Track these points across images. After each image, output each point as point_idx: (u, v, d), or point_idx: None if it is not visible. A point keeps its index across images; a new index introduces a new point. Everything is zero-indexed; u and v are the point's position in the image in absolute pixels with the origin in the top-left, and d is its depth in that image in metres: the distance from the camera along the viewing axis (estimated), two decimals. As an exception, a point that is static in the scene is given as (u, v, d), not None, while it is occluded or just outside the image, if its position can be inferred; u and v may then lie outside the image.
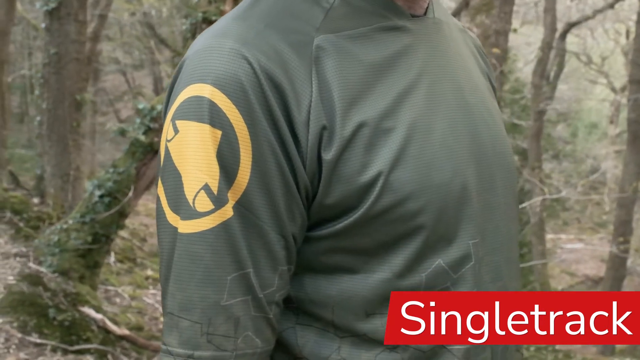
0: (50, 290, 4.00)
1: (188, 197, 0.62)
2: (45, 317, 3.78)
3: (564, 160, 14.52)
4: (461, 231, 0.70)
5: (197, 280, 0.62)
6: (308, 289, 0.69)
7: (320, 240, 0.67)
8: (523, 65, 13.94)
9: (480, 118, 0.76)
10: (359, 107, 0.65)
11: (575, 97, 15.97)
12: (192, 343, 0.62)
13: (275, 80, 0.62)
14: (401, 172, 0.65)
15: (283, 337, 0.70)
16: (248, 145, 0.61)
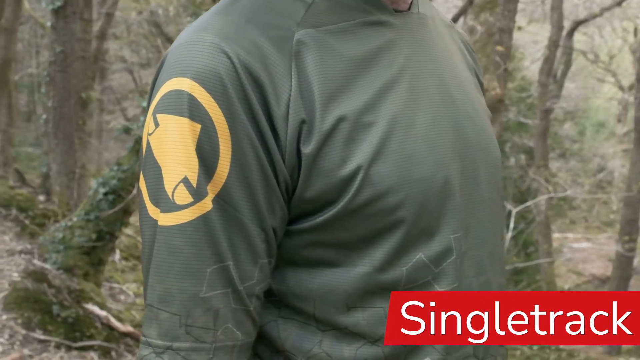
0: (54, 287, 4.02)
1: (167, 190, 0.62)
2: (50, 314, 3.80)
3: (571, 159, 14.46)
4: (443, 225, 0.70)
5: (175, 273, 0.62)
6: (290, 282, 0.69)
7: (301, 233, 0.67)
8: (530, 64, 13.89)
9: (465, 113, 0.76)
10: (339, 102, 0.66)
11: (583, 95, 15.90)
12: (170, 334, 0.62)
13: (255, 75, 0.62)
14: (381, 166, 0.66)
15: (265, 330, 0.71)
16: (227, 139, 0.62)
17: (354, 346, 0.69)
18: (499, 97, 4.39)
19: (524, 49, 14.34)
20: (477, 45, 4.46)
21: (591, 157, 14.63)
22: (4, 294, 3.87)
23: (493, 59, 4.40)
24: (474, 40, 4.46)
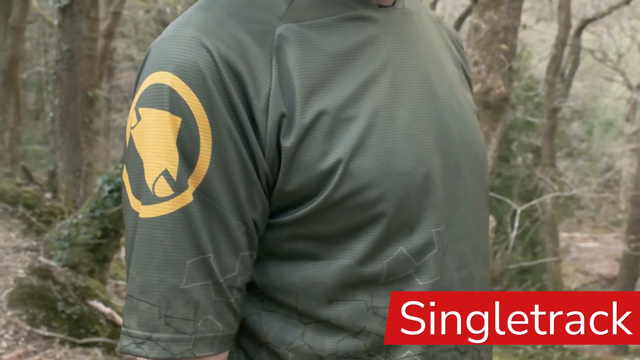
0: (59, 283, 4.05)
1: (148, 182, 0.63)
2: (54, 310, 3.83)
3: (579, 159, 14.40)
4: (424, 219, 0.70)
5: (155, 264, 0.63)
6: (272, 275, 0.70)
7: (282, 227, 0.68)
8: (537, 62, 13.83)
9: (448, 108, 0.76)
10: (320, 96, 0.66)
11: (591, 94, 15.82)
12: (150, 325, 0.63)
13: (235, 68, 0.63)
14: (361, 160, 0.66)
15: (248, 322, 0.71)
16: (208, 132, 0.62)
17: (335, 339, 0.70)
18: (504, 95, 4.37)
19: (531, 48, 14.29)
20: (481, 43, 4.45)
21: (599, 156, 14.56)
22: (9, 290, 3.90)
23: (498, 57, 4.39)
24: (479, 39, 4.45)
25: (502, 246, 6.62)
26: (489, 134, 4.40)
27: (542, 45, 14.36)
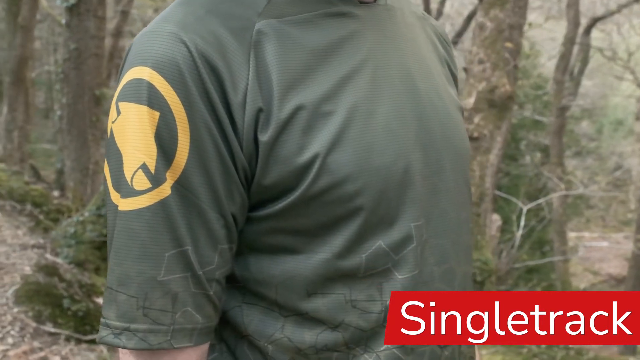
0: (65, 281, 4.08)
1: (127, 176, 0.64)
2: (60, 307, 3.85)
3: (588, 158, 14.33)
4: (403, 213, 0.71)
5: (133, 256, 0.64)
6: (252, 268, 0.70)
7: (261, 220, 0.69)
8: (546, 61, 13.76)
9: (430, 103, 0.77)
10: (298, 91, 0.67)
11: (601, 93, 15.73)
12: (128, 316, 0.64)
13: (212, 63, 0.63)
14: (339, 155, 0.67)
15: (230, 315, 0.72)
16: (186, 127, 0.63)
17: (314, 331, 0.70)
18: (509, 93, 4.37)
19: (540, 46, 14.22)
20: (486, 41, 4.44)
21: (608, 155, 14.48)
22: (15, 287, 3.93)
23: (503, 55, 4.38)
24: (484, 37, 4.44)
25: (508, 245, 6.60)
26: (494, 132, 4.39)
27: (552, 43, 14.28)
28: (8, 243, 4.60)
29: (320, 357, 0.71)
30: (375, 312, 0.70)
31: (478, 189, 4.45)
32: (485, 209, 4.50)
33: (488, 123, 4.40)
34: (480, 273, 4.40)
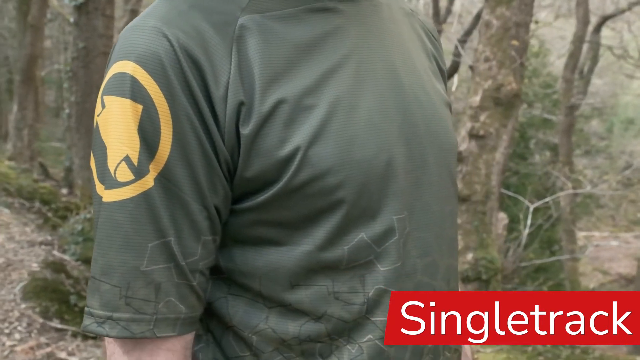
0: (72, 277, 4.11)
1: (110, 167, 0.65)
2: (67, 304, 3.89)
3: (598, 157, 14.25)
4: (385, 206, 0.71)
5: (116, 246, 0.65)
6: (237, 260, 0.71)
7: (245, 212, 0.69)
8: (555, 60, 13.70)
9: (415, 98, 0.77)
10: (280, 85, 0.67)
11: (611, 91, 15.64)
12: (111, 305, 0.65)
13: (194, 57, 0.64)
14: (321, 148, 0.67)
15: (215, 306, 0.73)
16: (168, 119, 0.64)
17: (298, 322, 0.71)
18: (515, 91, 4.36)
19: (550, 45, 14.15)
20: (492, 39, 4.44)
21: (619, 154, 14.39)
22: (23, 283, 3.97)
23: (509, 53, 4.37)
24: (490, 35, 4.44)
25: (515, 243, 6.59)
26: (500, 130, 4.39)
27: (561, 42, 14.22)
28: (16, 240, 4.65)
29: (304, 347, 0.72)
30: (357, 304, 0.71)
31: (484, 187, 4.44)
32: (491, 207, 4.50)
33: (494, 121, 4.39)
34: (486, 271, 4.40)
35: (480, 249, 4.41)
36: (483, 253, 4.40)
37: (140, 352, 0.67)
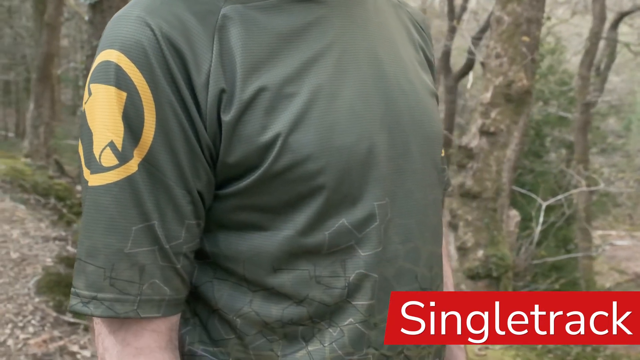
0: (85, 272, 4.16)
1: (95, 153, 0.67)
2: (80, 298, 3.93)
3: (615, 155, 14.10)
4: (366, 193, 0.73)
5: (101, 229, 0.67)
6: (221, 245, 0.73)
7: (228, 197, 0.71)
8: (571, 57, 13.58)
9: (398, 88, 0.78)
10: (261, 73, 0.69)
11: (629, 89, 15.47)
12: (96, 286, 0.67)
13: (176, 46, 0.66)
14: (301, 135, 0.69)
15: (201, 290, 0.75)
16: (152, 106, 0.66)
17: (281, 306, 0.73)
18: (526, 88, 4.34)
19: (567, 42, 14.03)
20: (503, 36, 4.42)
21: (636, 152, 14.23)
22: (37, 278, 4.03)
23: (520, 49, 4.35)
24: (501, 31, 4.42)
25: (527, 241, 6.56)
26: (511, 127, 4.37)
27: (578, 39, 14.09)
28: (31, 235, 4.71)
29: (286, 330, 0.73)
30: (338, 288, 0.72)
31: (495, 184, 4.43)
32: (502, 204, 4.48)
33: (505, 118, 4.37)
34: (497, 269, 4.38)
35: (491, 246, 4.39)
36: (494, 250, 4.38)
37: (126, 333, 0.69)
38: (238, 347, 0.74)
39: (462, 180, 4.47)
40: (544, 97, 11.97)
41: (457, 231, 4.49)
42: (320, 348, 0.73)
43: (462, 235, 4.47)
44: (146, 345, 0.69)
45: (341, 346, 0.73)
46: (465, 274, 4.46)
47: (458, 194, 4.51)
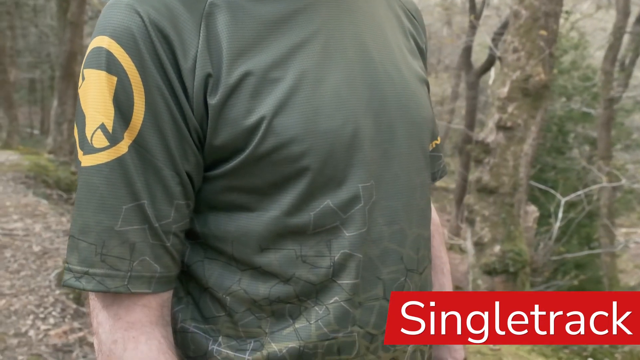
0: (105, 265, 4.23)
1: (87, 134, 0.70)
2: (100, 290, 4.00)
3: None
4: (351, 175, 0.75)
5: (93, 208, 0.70)
6: (211, 225, 0.76)
7: (217, 179, 0.74)
8: (594, 52, 13.41)
9: (385, 73, 0.80)
10: (247, 58, 0.71)
11: (655, 84, 15.19)
12: (87, 262, 0.70)
13: (164, 32, 0.69)
14: (285, 118, 0.71)
15: (193, 269, 0.78)
16: (141, 90, 0.69)
17: (268, 284, 0.75)
18: (543, 82, 4.30)
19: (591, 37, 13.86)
20: (521, 30, 4.39)
21: (662, 149, 13.99)
22: (58, 271, 4.11)
23: (538, 43, 4.32)
24: (518, 25, 4.39)
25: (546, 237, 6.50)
26: (528, 121, 4.34)
27: (603, 34, 13.90)
28: (52, 229, 4.80)
29: (274, 308, 0.76)
30: (324, 267, 0.75)
31: (512, 179, 4.40)
32: (519, 200, 4.46)
33: (522, 112, 4.35)
34: (514, 264, 4.36)
35: (508, 241, 4.37)
36: (511, 245, 4.36)
37: (118, 307, 0.72)
38: (228, 324, 0.77)
39: (479, 175, 4.46)
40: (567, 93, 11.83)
41: (473, 226, 4.48)
42: (306, 325, 0.75)
43: (478, 230, 4.46)
44: (137, 320, 0.72)
45: (326, 323, 0.75)
46: (482, 269, 4.44)
47: (475, 189, 4.49)
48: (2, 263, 4.26)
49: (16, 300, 3.75)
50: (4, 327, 3.39)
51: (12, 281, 3.99)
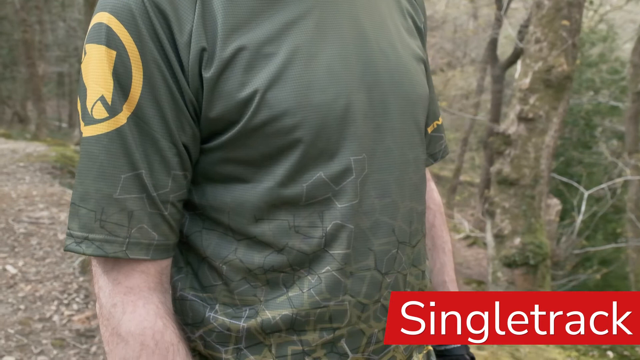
0: (128, 254, 4.30)
1: (88, 106, 0.73)
2: (122, 278, 4.08)
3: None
4: (343, 148, 0.77)
5: (93, 176, 0.73)
6: (209, 196, 0.79)
7: (212, 151, 0.76)
8: (623, 44, 13.18)
9: (379, 50, 0.82)
10: (241, 33, 0.74)
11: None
12: (87, 227, 0.73)
13: (160, 8, 0.72)
14: (278, 91, 0.73)
15: (192, 240, 0.81)
16: (139, 64, 0.72)
17: (263, 254, 0.78)
18: (566, 73, 4.26)
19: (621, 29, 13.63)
20: (544, 20, 4.35)
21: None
22: (82, 258, 4.19)
23: (560, 34, 4.28)
24: (541, 16, 4.35)
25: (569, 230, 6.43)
26: (550, 113, 4.31)
27: (633, 26, 13.66)
28: (77, 218, 4.89)
29: (268, 277, 0.78)
30: (316, 237, 0.77)
31: (533, 171, 4.37)
32: (540, 192, 4.42)
33: (544, 104, 4.31)
34: (534, 256, 4.34)
35: (528, 233, 4.35)
36: (531, 238, 4.34)
37: (117, 273, 0.75)
38: (224, 292, 0.79)
39: (500, 167, 4.43)
40: (594, 87, 11.67)
41: (494, 218, 4.46)
42: (299, 294, 0.78)
43: (499, 222, 4.44)
44: (136, 285, 0.75)
45: (318, 292, 0.77)
46: (502, 261, 4.42)
47: (495, 181, 4.47)
48: (28, 250, 4.37)
49: (41, 286, 3.84)
50: (29, 312, 3.48)
51: (37, 268, 4.09)
